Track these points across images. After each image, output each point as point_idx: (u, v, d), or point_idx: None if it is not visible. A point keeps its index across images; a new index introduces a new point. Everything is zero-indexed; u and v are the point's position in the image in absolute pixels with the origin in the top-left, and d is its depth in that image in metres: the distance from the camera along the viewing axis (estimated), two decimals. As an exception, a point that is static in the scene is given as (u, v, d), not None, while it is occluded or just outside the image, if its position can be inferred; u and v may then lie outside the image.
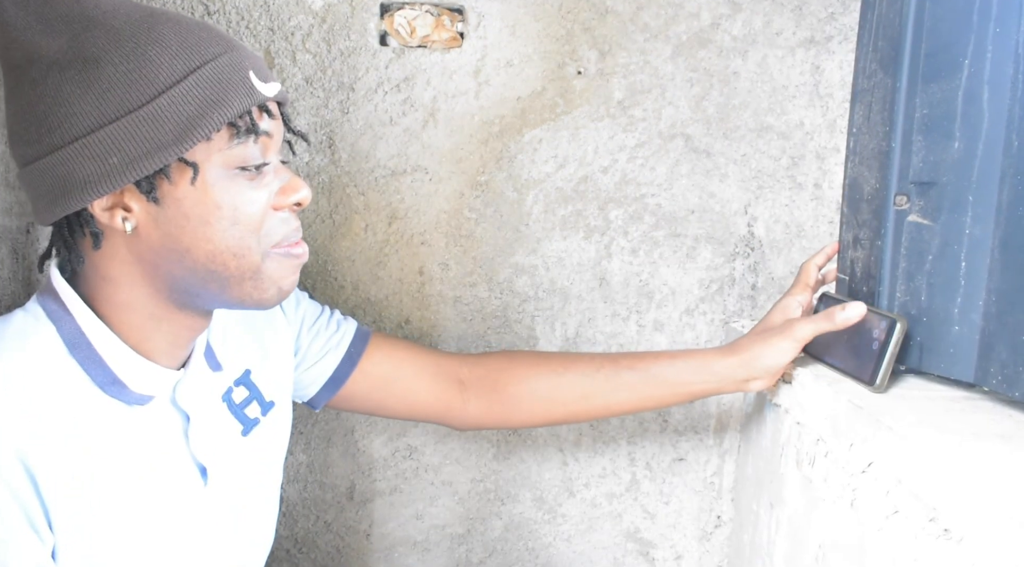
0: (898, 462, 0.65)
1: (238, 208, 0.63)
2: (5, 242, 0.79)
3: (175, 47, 0.60)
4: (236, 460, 0.76)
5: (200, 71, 0.61)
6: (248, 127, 0.62)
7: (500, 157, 1.05)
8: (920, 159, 0.75)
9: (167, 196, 0.62)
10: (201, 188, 0.62)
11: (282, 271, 0.67)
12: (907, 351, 0.77)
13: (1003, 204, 0.68)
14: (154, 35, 0.60)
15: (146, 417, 0.68)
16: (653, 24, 1.04)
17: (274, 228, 0.66)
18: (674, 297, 1.10)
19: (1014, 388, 0.66)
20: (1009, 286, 0.68)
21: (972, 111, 0.70)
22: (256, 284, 0.66)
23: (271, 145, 0.66)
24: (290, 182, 0.67)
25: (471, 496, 1.13)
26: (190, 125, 0.60)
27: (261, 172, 0.65)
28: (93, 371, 0.64)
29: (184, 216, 0.62)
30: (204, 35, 0.62)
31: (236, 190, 0.63)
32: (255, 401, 0.80)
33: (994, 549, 0.53)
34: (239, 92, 0.62)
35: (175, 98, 0.60)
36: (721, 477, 1.14)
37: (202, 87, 0.60)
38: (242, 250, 0.64)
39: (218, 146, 0.62)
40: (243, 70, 0.63)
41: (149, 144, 0.60)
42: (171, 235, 0.63)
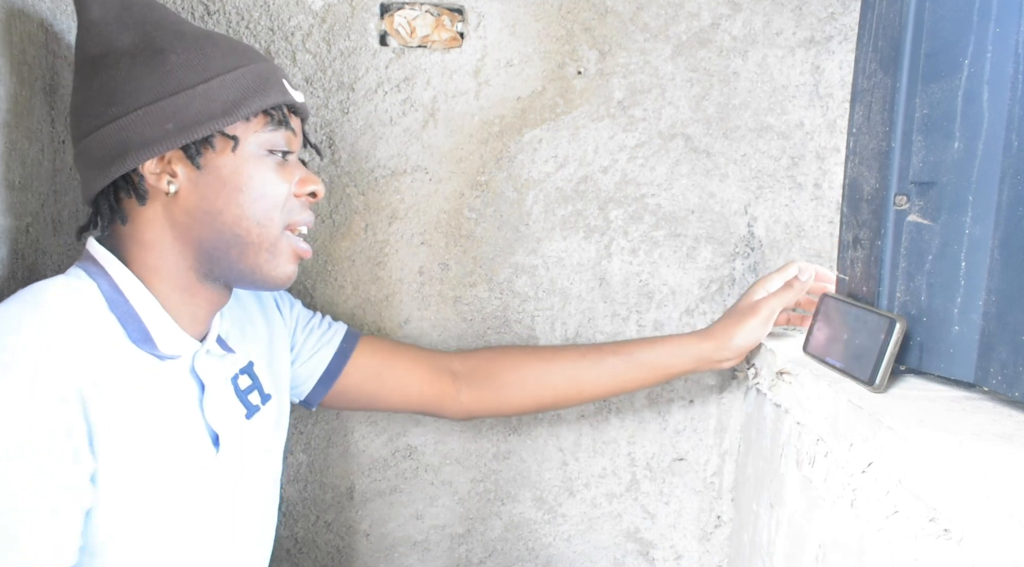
0: (898, 462, 0.65)
1: (266, 183, 0.75)
2: (5, 242, 0.79)
3: (227, 49, 0.75)
4: (242, 438, 0.81)
5: (246, 68, 0.75)
6: (280, 118, 0.76)
7: (500, 157, 1.05)
8: (920, 159, 0.75)
9: (209, 163, 0.73)
10: (239, 159, 0.74)
11: (289, 256, 0.78)
12: (907, 351, 0.77)
13: (1003, 204, 0.68)
14: (211, 39, 0.75)
15: (169, 376, 0.74)
16: (653, 24, 1.04)
17: (294, 209, 0.77)
18: (674, 297, 1.10)
19: (1014, 388, 0.66)
20: (1009, 286, 0.68)
21: (972, 111, 0.70)
22: (270, 257, 0.76)
23: (295, 141, 0.78)
24: (308, 175, 0.79)
25: (471, 496, 1.13)
26: (235, 105, 0.73)
27: (286, 160, 0.77)
28: (129, 326, 0.71)
29: (221, 181, 0.73)
30: (246, 48, 0.78)
31: (265, 169, 0.75)
32: (256, 390, 0.86)
33: (994, 549, 0.53)
34: (276, 89, 0.76)
35: (225, 82, 0.73)
36: (721, 477, 1.14)
37: (247, 78, 0.74)
38: (265, 220, 0.75)
39: (255, 128, 0.74)
40: (279, 75, 0.77)
41: (200, 115, 0.72)
42: (207, 198, 0.73)
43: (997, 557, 0.52)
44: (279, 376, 0.90)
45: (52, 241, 0.88)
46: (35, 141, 0.85)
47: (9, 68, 0.80)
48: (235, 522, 0.80)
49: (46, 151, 0.87)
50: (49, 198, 0.88)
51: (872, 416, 0.69)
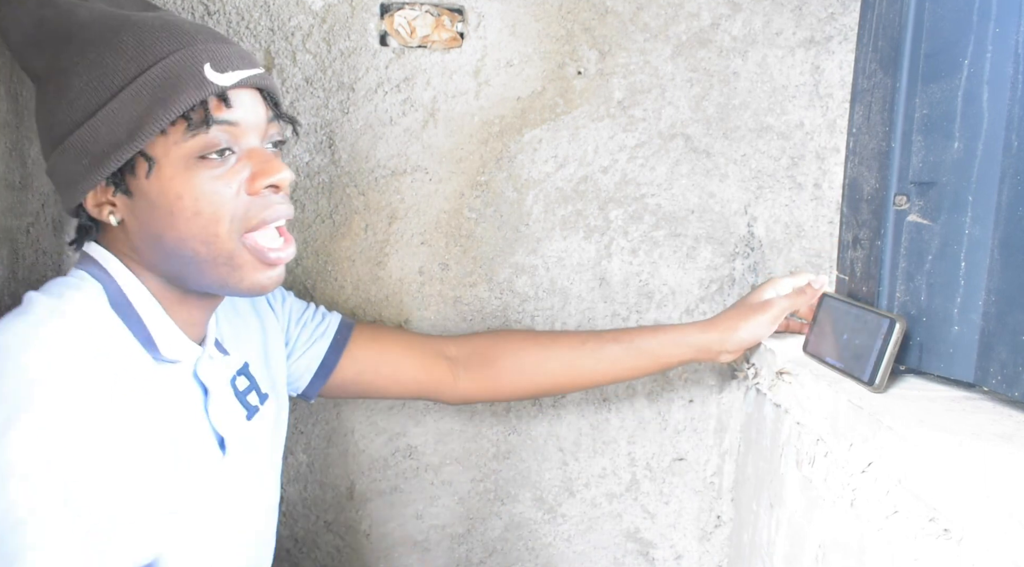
0: (898, 462, 0.65)
1: (199, 199, 0.66)
2: (5, 242, 0.79)
3: (131, 51, 0.65)
4: (245, 439, 0.80)
5: (149, 71, 0.65)
6: (202, 118, 0.65)
7: (500, 157, 1.05)
8: (920, 159, 0.75)
9: (136, 189, 0.67)
10: (162, 180, 0.66)
11: (255, 272, 0.70)
12: (907, 351, 0.77)
13: (1003, 204, 0.68)
14: (114, 42, 0.66)
15: (172, 380, 0.72)
16: (653, 24, 1.04)
17: (251, 210, 0.68)
18: (674, 297, 1.10)
19: (1014, 388, 0.66)
20: (1009, 286, 0.68)
21: (972, 111, 0.70)
22: (231, 270, 0.69)
23: (240, 133, 0.68)
24: (263, 165, 0.68)
25: (471, 496, 1.13)
26: (140, 122, 0.64)
27: (224, 160, 0.67)
28: (134, 328, 0.69)
29: (151, 206, 0.66)
30: (163, 35, 0.66)
31: (197, 181, 0.66)
32: (254, 391, 0.84)
33: (994, 549, 0.53)
34: (187, 86, 0.64)
35: (126, 99, 0.64)
36: (721, 477, 1.14)
37: (150, 86, 0.64)
38: (208, 237, 0.67)
39: (174, 139, 0.65)
40: (196, 64, 0.66)
41: (107, 143, 0.65)
42: (145, 224, 0.67)
43: (997, 557, 0.52)
44: (275, 374, 0.89)
45: (52, 241, 0.88)
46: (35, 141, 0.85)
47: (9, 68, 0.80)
48: (242, 523, 0.79)
49: (46, 151, 0.87)
50: (50, 198, 0.88)
51: (872, 416, 0.69)
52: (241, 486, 0.79)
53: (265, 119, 0.71)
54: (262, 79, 0.70)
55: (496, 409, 1.10)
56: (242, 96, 0.68)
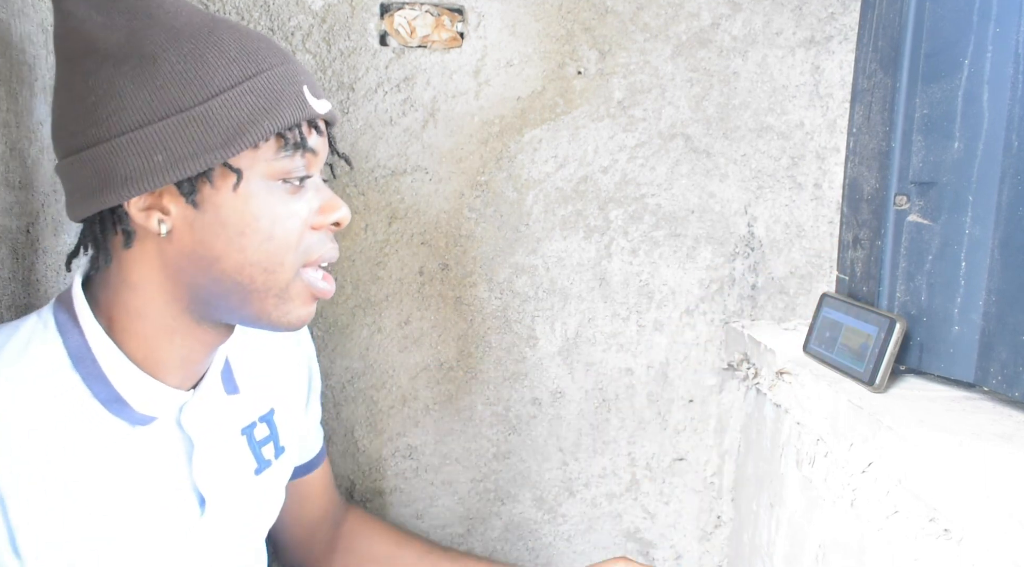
0: (898, 462, 0.65)
1: (276, 222, 0.62)
2: (5, 242, 0.79)
3: (233, 53, 0.60)
4: (242, 497, 0.75)
5: (256, 79, 0.60)
6: (296, 141, 0.62)
7: (500, 157, 1.05)
8: (920, 159, 0.75)
9: (207, 201, 0.61)
10: (242, 196, 0.61)
11: (304, 299, 0.66)
12: (907, 351, 0.77)
13: (1003, 204, 0.68)
14: (213, 39, 0.60)
15: (148, 438, 0.66)
16: (653, 24, 1.04)
17: (311, 246, 0.65)
18: (674, 297, 1.10)
19: (1014, 388, 0.66)
20: (1009, 286, 0.68)
21: (972, 111, 0.70)
22: (279, 303, 0.64)
23: (315, 162, 0.65)
24: (330, 201, 0.66)
25: (471, 496, 1.13)
26: (240, 131, 0.59)
27: (303, 186, 0.64)
28: (95, 387, 0.63)
29: (221, 223, 0.61)
30: (263, 45, 0.63)
31: (276, 203, 0.62)
32: (272, 442, 0.79)
33: (994, 549, 0.53)
34: (292, 104, 0.61)
35: (228, 102, 0.59)
36: (721, 477, 1.14)
37: (256, 94, 0.60)
38: (273, 265, 0.62)
39: (264, 156, 0.61)
40: (298, 83, 0.63)
41: (196, 145, 0.59)
42: (204, 242, 0.61)
43: (997, 557, 0.52)
44: (295, 428, 0.85)
45: (52, 242, 0.88)
46: (35, 141, 0.85)
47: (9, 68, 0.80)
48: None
49: (46, 151, 0.87)
50: (50, 198, 0.88)
51: (872, 416, 0.69)
52: (221, 545, 0.73)
53: (327, 151, 0.68)
54: (335, 114, 0.68)
55: (496, 409, 1.11)
56: (321, 126, 0.66)
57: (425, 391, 1.10)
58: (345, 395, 1.09)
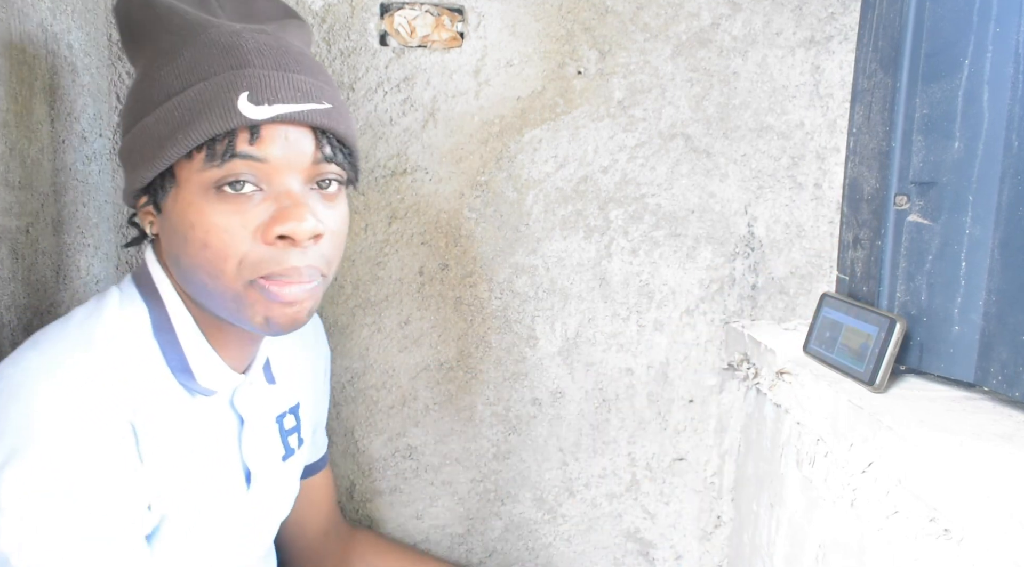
0: (898, 462, 0.65)
1: (209, 231, 0.61)
2: (5, 242, 0.79)
3: (182, 67, 0.63)
4: (273, 478, 0.79)
5: (188, 91, 0.62)
6: (225, 149, 0.61)
7: (500, 157, 1.05)
8: (920, 159, 0.75)
9: (164, 206, 0.65)
10: (182, 204, 0.63)
11: (268, 307, 0.64)
12: (907, 351, 0.77)
13: (1003, 204, 0.68)
14: (176, 54, 0.64)
15: (205, 411, 0.71)
16: (653, 24, 1.04)
17: (262, 261, 0.62)
18: (674, 297, 1.10)
19: (1014, 388, 0.66)
20: (1009, 286, 0.68)
21: (972, 111, 0.70)
22: (239, 308, 0.64)
23: (271, 170, 0.62)
24: (280, 212, 0.62)
25: (471, 496, 1.13)
26: (164, 143, 0.62)
27: (245, 197, 0.62)
28: (170, 355, 0.68)
29: (172, 228, 0.64)
30: (218, 54, 0.62)
31: (209, 212, 0.61)
32: (296, 433, 0.83)
33: (994, 549, 0.53)
34: (213, 114, 0.60)
35: (160, 116, 0.62)
36: (721, 477, 1.14)
37: (181, 108, 0.61)
38: (215, 272, 0.62)
39: (196, 166, 0.62)
40: (233, 91, 0.61)
41: (139, 156, 0.64)
42: (168, 244, 0.66)
43: (997, 557, 0.52)
44: (314, 423, 0.90)
45: (52, 241, 0.88)
46: (35, 141, 0.85)
47: (9, 67, 0.80)
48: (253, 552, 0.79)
49: (46, 151, 0.87)
50: (49, 198, 0.88)
51: (872, 416, 0.69)
52: (259, 522, 0.78)
53: (310, 160, 0.64)
54: (314, 116, 0.63)
55: (496, 409, 1.10)
56: (280, 132, 0.62)
57: (425, 391, 1.10)
58: (345, 395, 1.09)
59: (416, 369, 1.09)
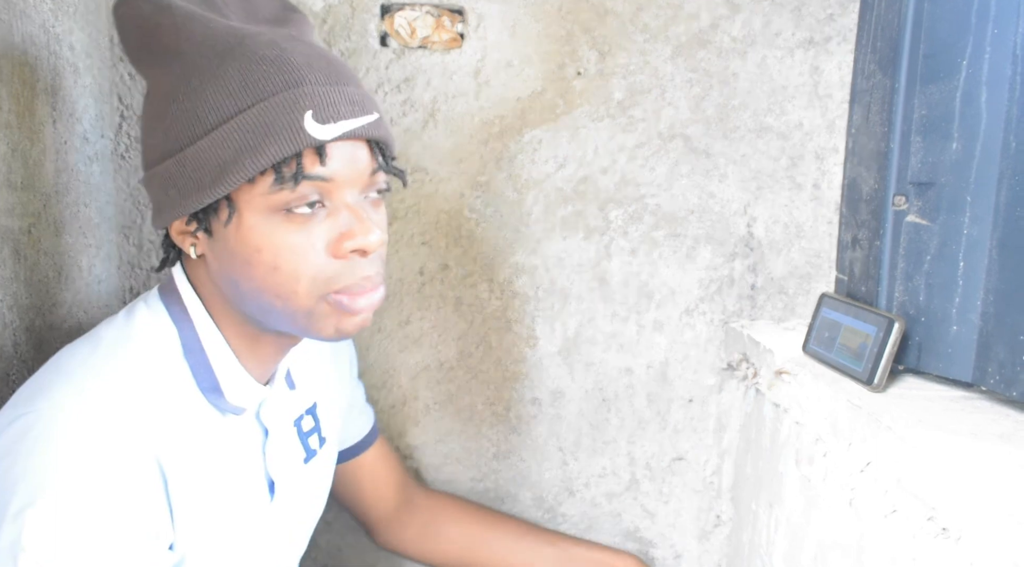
0: (897, 461, 0.65)
1: (279, 254, 0.61)
2: (7, 243, 0.79)
3: (234, 85, 0.60)
4: (296, 484, 0.79)
5: (247, 113, 0.59)
6: (293, 173, 0.59)
7: (500, 157, 1.06)
8: (918, 160, 0.76)
9: (218, 231, 0.63)
10: (244, 229, 0.61)
11: (339, 319, 0.65)
12: (905, 351, 0.77)
13: (1001, 205, 0.69)
14: (220, 71, 0.60)
15: (234, 427, 0.71)
16: (653, 25, 1.04)
17: (336, 275, 0.62)
18: (674, 297, 1.10)
19: (1012, 388, 0.67)
20: (1007, 286, 0.68)
21: (970, 112, 0.70)
22: (310, 322, 0.64)
23: (334, 189, 0.62)
24: (352, 228, 0.62)
25: (471, 495, 1.13)
26: (225, 169, 0.59)
27: (312, 215, 0.62)
28: (200, 376, 0.67)
29: (230, 252, 0.63)
30: (270, 70, 0.60)
31: (279, 235, 0.61)
32: (316, 433, 0.83)
33: (992, 548, 0.53)
34: (280, 137, 0.59)
35: (216, 140, 0.59)
36: (720, 477, 1.14)
37: (243, 131, 0.59)
38: (286, 294, 0.62)
39: (260, 190, 0.60)
40: (296, 112, 0.59)
41: (193, 182, 0.61)
42: (223, 266, 0.64)
43: (995, 556, 0.53)
44: (336, 420, 0.89)
45: (54, 242, 0.89)
46: (37, 142, 0.85)
47: (11, 68, 0.80)
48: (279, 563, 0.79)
49: (48, 152, 0.87)
50: (52, 199, 0.88)
51: (871, 416, 0.69)
52: (284, 530, 0.78)
53: (368, 172, 0.64)
54: (371, 129, 0.63)
55: (496, 409, 1.11)
56: (343, 149, 0.62)
57: (425, 391, 1.10)
58: (345, 395, 1.09)
59: (416, 369, 1.09)
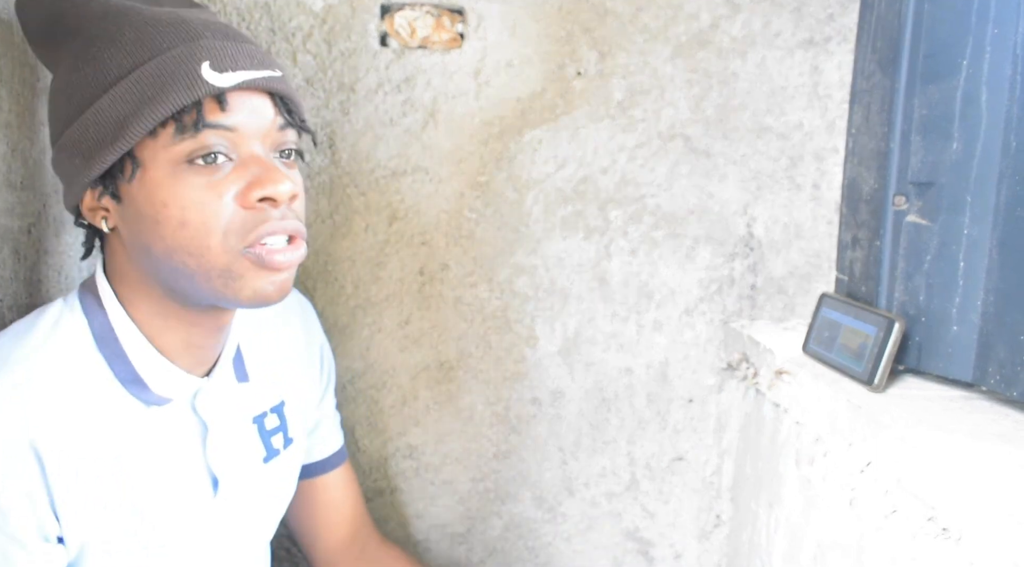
0: (897, 461, 0.65)
1: (186, 208, 0.59)
2: (7, 242, 0.79)
3: (128, 46, 0.60)
4: (252, 482, 0.77)
5: (143, 67, 0.59)
6: (194, 121, 0.59)
7: (500, 157, 1.06)
8: (919, 160, 0.76)
9: (126, 194, 0.62)
10: (148, 185, 0.60)
11: (257, 278, 0.62)
12: (906, 351, 0.77)
13: (1001, 205, 0.69)
14: (114, 34, 0.61)
15: (164, 419, 0.69)
16: (653, 25, 1.04)
17: (247, 227, 0.61)
18: (673, 297, 1.10)
19: (1012, 387, 0.67)
20: (1007, 286, 0.68)
21: (970, 112, 0.71)
22: (227, 282, 0.62)
23: (239, 139, 0.62)
24: (259, 175, 0.61)
25: (471, 495, 1.13)
26: (126, 122, 0.59)
27: (217, 167, 0.60)
28: (117, 367, 0.65)
29: (138, 213, 0.61)
30: (165, 30, 0.61)
31: (184, 188, 0.60)
32: (281, 433, 0.81)
33: (992, 548, 0.53)
34: (178, 85, 0.59)
35: (115, 96, 0.59)
36: (720, 476, 1.14)
37: (141, 84, 0.59)
38: (199, 250, 0.60)
39: (163, 142, 0.60)
40: (193, 62, 0.59)
41: (95, 141, 0.60)
42: (133, 232, 0.63)
43: (996, 556, 0.53)
44: (304, 420, 0.87)
45: (54, 242, 0.89)
46: (37, 142, 0.85)
47: (11, 69, 0.80)
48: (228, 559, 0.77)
49: (48, 152, 0.87)
50: (51, 199, 0.88)
51: (871, 416, 0.69)
52: (233, 527, 0.76)
53: (274, 126, 0.64)
54: (272, 82, 0.63)
55: (496, 409, 1.11)
56: (245, 99, 0.62)
57: (425, 391, 1.10)
58: (346, 395, 1.09)
59: (416, 369, 1.09)
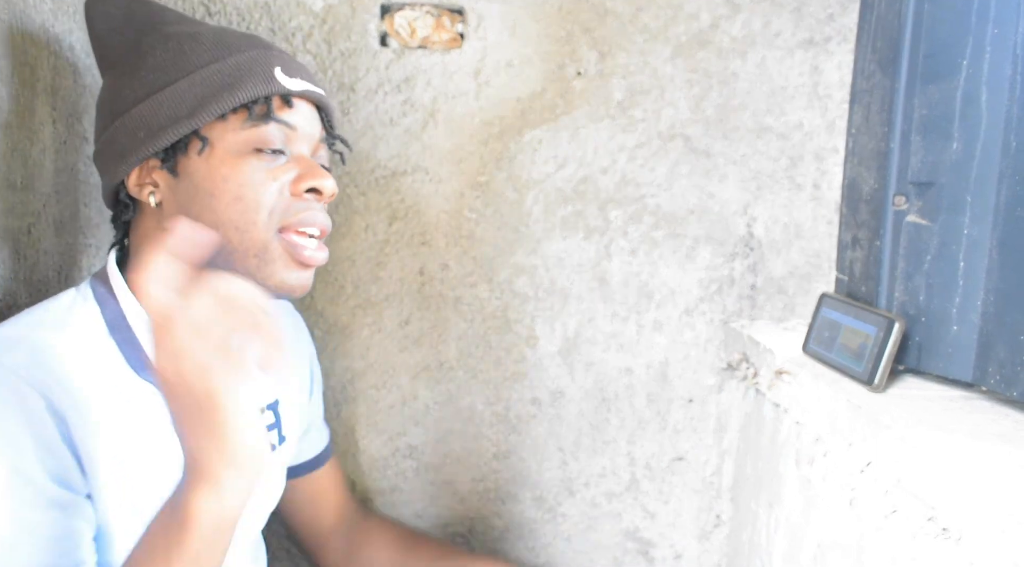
0: (897, 461, 0.65)
1: (243, 185, 0.67)
2: (7, 242, 0.79)
3: (208, 42, 0.70)
4: None
5: (224, 61, 0.68)
6: (263, 112, 0.68)
7: (500, 157, 1.06)
8: (919, 160, 0.76)
9: (184, 169, 0.68)
10: (211, 161, 0.67)
11: (286, 270, 0.69)
12: (906, 351, 0.77)
13: (1001, 205, 0.69)
14: (193, 33, 0.70)
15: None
16: (653, 25, 1.04)
17: (290, 209, 0.69)
18: (673, 297, 1.10)
19: (1012, 387, 0.67)
20: (1007, 286, 0.68)
21: (970, 112, 0.71)
22: (260, 264, 0.68)
23: (295, 138, 0.71)
24: (309, 169, 0.70)
25: (471, 495, 1.13)
26: (202, 102, 0.67)
27: (275, 158, 0.69)
28: (128, 352, 0.68)
29: (195, 187, 0.68)
30: (241, 38, 0.71)
31: (245, 168, 0.67)
32: (276, 430, 0.84)
33: (992, 548, 0.53)
34: (255, 80, 0.68)
35: (195, 80, 0.68)
36: (720, 476, 1.14)
37: (221, 73, 0.68)
38: (245, 224, 0.67)
39: (232, 126, 0.68)
40: (268, 64, 0.70)
41: (168, 119, 0.67)
42: (184, 206, 0.68)
43: (996, 556, 0.53)
44: (297, 421, 0.89)
45: (54, 242, 0.89)
46: (37, 142, 0.85)
47: (11, 69, 0.80)
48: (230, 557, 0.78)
49: (48, 152, 0.87)
50: (51, 199, 0.88)
51: (871, 416, 0.69)
52: None
53: (319, 135, 0.74)
54: (324, 98, 0.74)
55: (496, 409, 1.11)
56: (303, 105, 0.72)
57: (425, 391, 1.10)
58: (346, 395, 1.09)
59: (416, 369, 1.09)
